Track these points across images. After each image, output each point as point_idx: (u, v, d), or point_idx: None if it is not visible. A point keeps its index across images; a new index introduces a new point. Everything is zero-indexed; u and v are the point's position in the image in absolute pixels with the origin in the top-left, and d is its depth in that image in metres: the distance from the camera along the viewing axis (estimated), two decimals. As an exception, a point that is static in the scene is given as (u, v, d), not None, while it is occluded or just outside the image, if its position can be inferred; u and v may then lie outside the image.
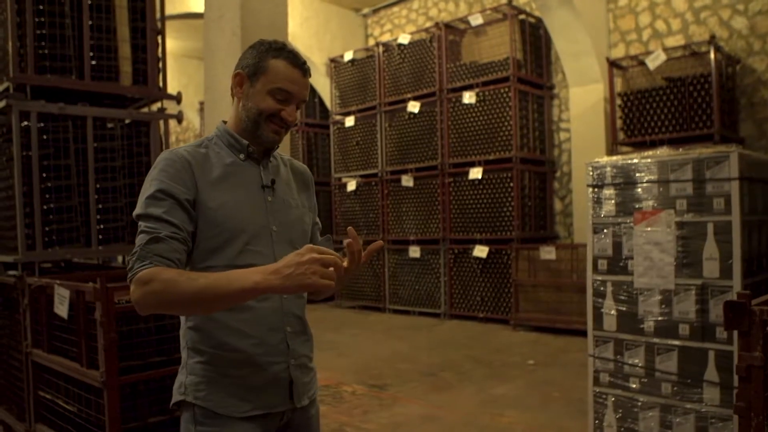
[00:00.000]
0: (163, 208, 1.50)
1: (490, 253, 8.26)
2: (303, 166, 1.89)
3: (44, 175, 3.79)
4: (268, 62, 1.61)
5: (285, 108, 1.62)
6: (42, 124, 3.78)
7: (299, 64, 1.62)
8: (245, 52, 1.66)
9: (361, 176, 10.14)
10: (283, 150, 2.03)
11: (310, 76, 1.67)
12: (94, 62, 3.99)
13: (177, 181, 1.54)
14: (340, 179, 10.56)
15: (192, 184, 1.55)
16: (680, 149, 3.35)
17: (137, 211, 1.53)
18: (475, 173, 8.38)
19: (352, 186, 10.15)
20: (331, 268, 1.34)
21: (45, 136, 3.79)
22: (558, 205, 9.08)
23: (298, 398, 1.66)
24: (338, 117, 10.53)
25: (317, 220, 1.88)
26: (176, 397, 1.63)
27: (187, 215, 1.53)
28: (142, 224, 1.50)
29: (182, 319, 1.65)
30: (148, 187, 1.54)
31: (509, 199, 8.16)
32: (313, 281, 1.32)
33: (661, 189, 3.27)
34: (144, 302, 1.42)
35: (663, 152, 3.35)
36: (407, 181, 9.28)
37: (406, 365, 6.15)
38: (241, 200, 1.61)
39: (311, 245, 1.37)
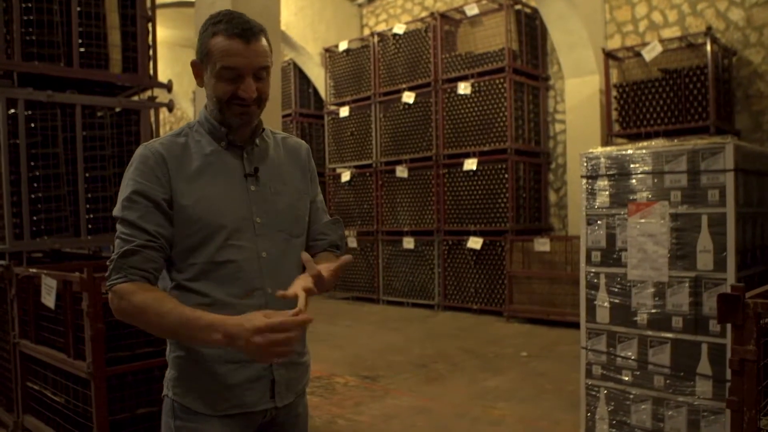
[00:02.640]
0: (138, 212, 1.47)
1: (484, 244, 8.24)
2: (297, 142, 1.77)
3: (32, 163, 3.74)
4: (209, 43, 1.48)
5: (239, 86, 1.48)
6: (29, 112, 3.72)
7: (237, 32, 1.45)
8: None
9: (356, 167, 10.09)
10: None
11: (257, 39, 1.48)
12: (82, 49, 3.94)
13: (151, 179, 1.48)
14: (334, 170, 10.52)
15: (166, 181, 1.49)
16: (675, 140, 3.32)
17: (115, 212, 1.51)
18: (470, 164, 8.34)
19: (346, 177, 10.10)
20: (289, 334, 1.28)
21: (33, 124, 3.73)
22: (553, 197, 9.06)
23: (279, 397, 1.60)
24: (333, 107, 10.47)
25: (320, 197, 1.78)
26: (164, 391, 1.61)
27: (164, 217, 1.49)
28: (118, 228, 1.49)
29: None
30: (125, 188, 1.51)
31: (504, 190, 8.13)
32: (276, 359, 1.39)
33: (655, 180, 3.24)
34: (119, 315, 1.48)
35: (658, 143, 3.32)
36: (402, 172, 9.23)
37: (399, 357, 6.14)
38: (219, 193, 1.53)
39: (258, 325, 1.27)
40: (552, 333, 7.07)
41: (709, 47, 6.74)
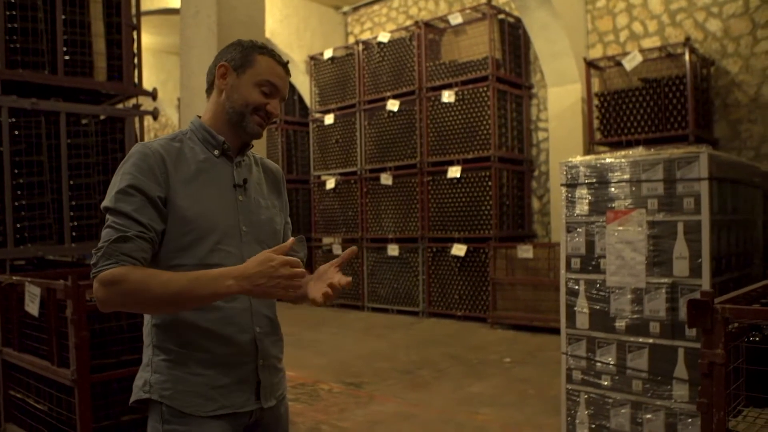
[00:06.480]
0: (133, 205, 1.49)
1: (468, 251, 8.30)
2: (274, 165, 1.88)
3: (16, 171, 3.74)
4: (254, 56, 1.65)
5: (270, 102, 1.66)
6: (14, 120, 3.73)
7: (282, 62, 1.69)
8: (227, 49, 1.70)
9: (340, 174, 10.12)
10: (261, 147, 2.04)
11: (290, 76, 1.73)
12: (67, 57, 3.95)
13: (149, 176, 1.52)
14: (319, 177, 10.54)
15: (164, 180, 1.54)
16: (653, 150, 3.39)
17: (106, 203, 1.52)
18: (454, 172, 8.41)
19: (331, 184, 10.13)
20: (299, 279, 1.43)
21: (17, 132, 3.74)
22: (536, 204, 9.15)
23: (265, 399, 1.66)
24: (318, 115, 10.50)
25: (288, 219, 1.89)
26: (138, 394, 1.60)
27: (157, 213, 1.53)
28: (110, 219, 1.50)
29: (146, 316, 1.64)
30: (119, 181, 1.53)
31: (487, 197, 8.20)
32: (282, 294, 1.43)
33: (633, 188, 3.31)
34: (109, 301, 1.45)
35: (635, 152, 3.39)
36: (386, 179, 9.28)
37: (384, 363, 6.16)
38: (212, 198, 1.60)
39: (284, 257, 1.42)
40: (535, 339, 7.14)
41: (687, 57, 6.87)
